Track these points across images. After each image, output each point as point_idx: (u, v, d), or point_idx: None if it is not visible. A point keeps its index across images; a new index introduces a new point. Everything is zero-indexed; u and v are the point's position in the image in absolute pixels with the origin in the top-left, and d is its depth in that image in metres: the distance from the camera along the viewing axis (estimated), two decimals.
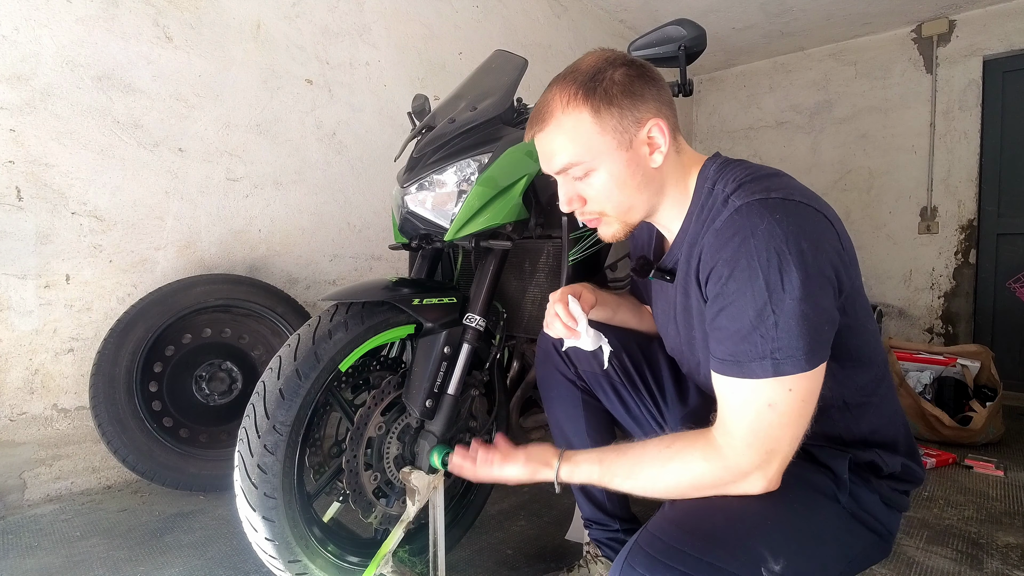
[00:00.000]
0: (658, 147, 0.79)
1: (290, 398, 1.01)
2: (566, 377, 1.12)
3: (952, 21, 3.55)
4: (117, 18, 1.83)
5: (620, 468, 0.80)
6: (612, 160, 0.78)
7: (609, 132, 0.77)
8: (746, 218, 0.70)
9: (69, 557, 1.39)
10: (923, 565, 1.39)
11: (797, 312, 0.66)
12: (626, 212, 0.82)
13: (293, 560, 1.03)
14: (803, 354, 0.67)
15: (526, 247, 1.38)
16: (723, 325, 0.72)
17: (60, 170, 1.73)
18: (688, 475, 0.74)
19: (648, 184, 0.81)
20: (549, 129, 0.80)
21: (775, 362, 0.67)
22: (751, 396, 0.70)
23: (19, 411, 1.69)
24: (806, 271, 0.67)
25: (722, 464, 0.72)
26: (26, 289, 1.69)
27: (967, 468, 2.08)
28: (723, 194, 0.76)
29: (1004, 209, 3.44)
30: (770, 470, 0.71)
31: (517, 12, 3.21)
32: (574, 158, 0.79)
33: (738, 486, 0.72)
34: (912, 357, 2.65)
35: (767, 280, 0.67)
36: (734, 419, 0.72)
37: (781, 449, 0.71)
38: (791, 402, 0.69)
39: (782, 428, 0.70)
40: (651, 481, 0.77)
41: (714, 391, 0.79)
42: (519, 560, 1.40)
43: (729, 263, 0.70)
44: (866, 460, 0.81)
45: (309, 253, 2.36)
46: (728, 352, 0.71)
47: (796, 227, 0.68)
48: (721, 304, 0.72)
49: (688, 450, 0.75)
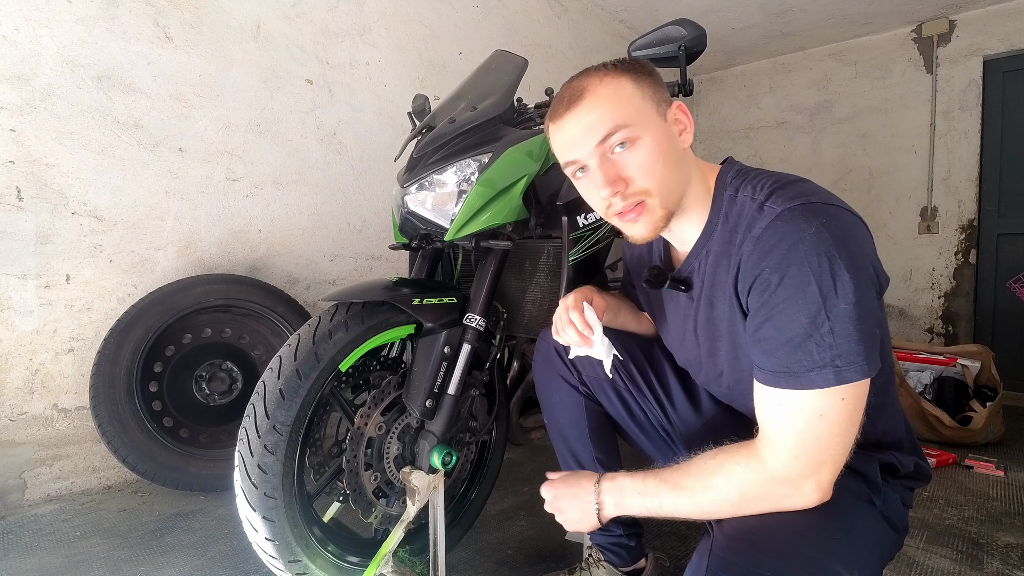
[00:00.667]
0: (685, 128, 0.78)
1: (290, 398, 1.01)
2: (568, 382, 1.09)
3: (952, 21, 3.55)
4: (117, 18, 1.83)
5: (662, 485, 0.77)
6: (655, 127, 0.75)
7: (649, 98, 0.76)
8: (791, 224, 0.68)
9: (69, 557, 1.39)
10: (923, 565, 1.39)
11: (853, 316, 0.65)
12: (668, 194, 0.77)
13: (293, 560, 1.03)
14: (863, 359, 0.65)
15: (526, 247, 1.38)
16: (770, 336, 0.69)
17: (60, 170, 1.73)
18: (736, 488, 0.71)
19: (681, 165, 0.78)
20: (586, 102, 0.75)
21: (836, 370, 0.65)
22: (801, 407, 0.67)
23: (19, 411, 1.69)
24: (857, 275, 0.65)
25: (767, 475, 0.70)
26: (26, 289, 1.69)
27: (967, 468, 2.08)
28: (755, 201, 0.74)
29: (1004, 209, 3.44)
30: (823, 480, 0.69)
31: (517, 12, 3.21)
32: (620, 120, 0.74)
33: (790, 499, 0.70)
34: (912, 357, 2.65)
35: (820, 286, 0.65)
36: (781, 431, 0.69)
37: (832, 459, 0.69)
38: (843, 411, 0.67)
39: (832, 438, 0.68)
40: (698, 497, 0.73)
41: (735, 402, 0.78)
42: (519, 560, 1.40)
43: (777, 270, 0.68)
44: (886, 462, 0.81)
45: (309, 253, 2.36)
46: (780, 363, 0.68)
47: (843, 231, 0.67)
48: (767, 314, 0.69)
49: (732, 462, 0.72)
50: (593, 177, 0.77)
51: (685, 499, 0.75)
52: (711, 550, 0.70)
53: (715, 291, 0.79)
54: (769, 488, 0.70)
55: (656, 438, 1.06)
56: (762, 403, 0.72)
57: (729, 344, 0.81)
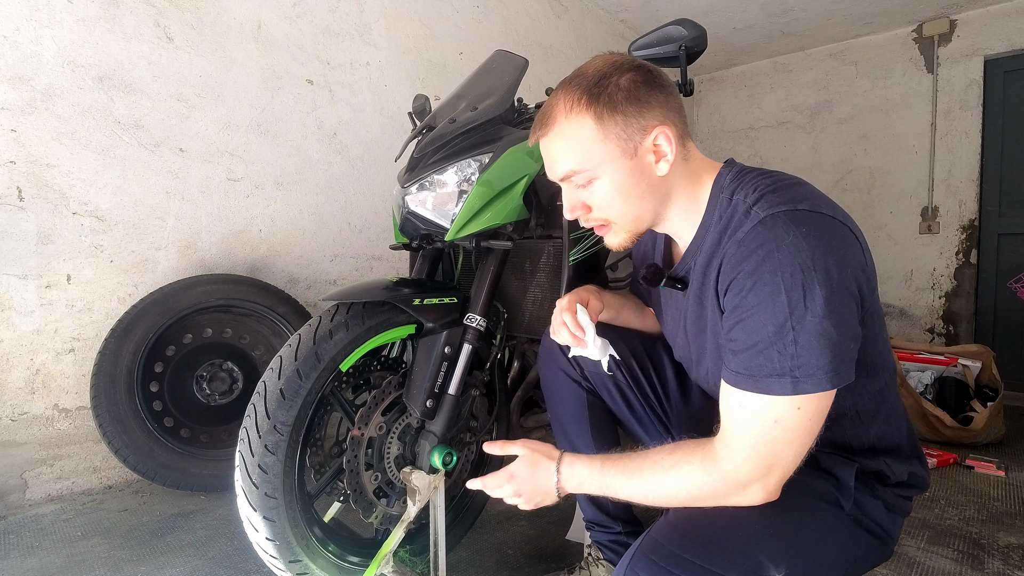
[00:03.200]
0: (664, 156, 0.77)
1: (291, 398, 1.01)
2: (571, 378, 1.11)
3: (953, 21, 3.54)
4: (118, 19, 1.83)
5: (617, 475, 0.79)
6: (615, 168, 0.77)
7: (612, 140, 0.76)
8: (771, 230, 0.68)
9: (70, 557, 1.40)
10: (924, 565, 1.39)
11: (819, 330, 0.65)
12: (631, 221, 0.81)
13: (294, 560, 1.03)
14: (824, 373, 0.66)
15: (527, 247, 1.38)
16: (738, 338, 0.70)
17: (61, 170, 1.74)
18: (686, 486, 0.73)
19: (653, 193, 0.79)
20: (552, 135, 0.79)
21: (794, 380, 0.66)
22: (758, 411, 0.69)
23: (20, 411, 1.69)
24: (831, 288, 0.65)
25: (720, 476, 0.71)
26: (27, 289, 1.69)
27: (968, 468, 2.08)
28: (745, 204, 0.74)
29: (1005, 209, 3.44)
30: (769, 483, 0.70)
31: (518, 12, 3.21)
32: (576, 166, 0.77)
33: (736, 498, 0.72)
34: (913, 357, 2.65)
35: (789, 296, 0.65)
36: (737, 432, 0.71)
37: (782, 464, 0.70)
38: (798, 420, 0.67)
39: (785, 444, 0.69)
40: (649, 490, 0.76)
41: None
42: (520, 560, 1.40)
43: (751, 275, 0.68)
44: (873, 469, 0.81)
45: (310, 253, 2.36)
46: (742, 365, 0.70)
47: (823, 242, 0.66)
48: (739, 316, 0.70)
49: (686, 461, 0.74)
50: (562, 196, 0.84)
51: (638, 490, 0.77)
52: (648, 532, 0.76)
53: (703, 291, 0.80)
54: (717, 488, 0.72)
55: (655, 432, 1.09)
56: (725, 401, 0.73)
57: (713, 343, 0.81)
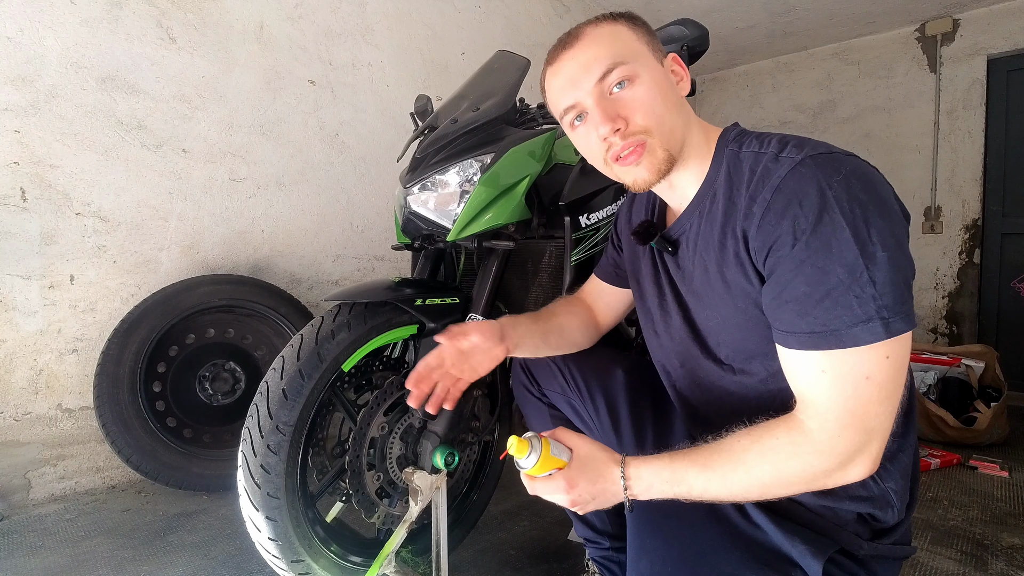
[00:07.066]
0: (682, 78, 0.78)
1: (293, 398, 1.02)
2: (532, 394, 1.15)
3: (956, 20, 3.53)
4: (121, 20, 1.84)
5: (691, 468, 0.68)
6: (653, 68, 0.75)
7: (645, 43, 0.76)
8: (815, 170, 0.64)
9: (73, 557, 1.40)
10: (927, 566, 1.39)
11: (892, 264, 0.60)
12: (668, 134, 0.74)
13: (296, 560, 1.04)
14: (907, 309, 0.60)
15: (529, 247, 1.38)
16: (801, 291, 0.63)
17: (64, 171, 1.74)
18: (777, 469, 0.64)
19: (681, 109, 0.77)
20: (583, 42, 0.75)
21: (884, 321, 0.59)
22: (848, 369, 0.61)
23: (24, 411, 1.70)
24: (892, 219, 0.62)
25: (815, 452, 0.63)
26: (31, 289, 1.69)
27: (971, 469, 2.07)
28: (769, 152, 0.70)
29: (1009, 209, 3.42)
30: (872, 451, 0.63)
31: (520, 12, 3.21)
32: (618, 57, 0.73)
33: (837, 475, 0.64)
34: (916, 357, 2.64)
35: (855, 233, 0.60)
36: (826, 399, 0.63)
37: (880, 428, 0.63)
38: (889, 372, 0.61)
39: (880, 403, 0.62)
40: (732, 481, 0.66)
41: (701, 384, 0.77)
42: (522, 560, 1.39)
43: (806, 219, 0.62)
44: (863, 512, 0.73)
45: (312, 253, 2.37)
46: (818, 323, 0.62)
47: (870, 177, 0.64)
48: (796, 269, 0.63)
49: (771, 439, 0.65)
50: (592, 118, 0.75)
51: (715, 482, 0.67)
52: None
53: (723, 254, 0.74)
54: (815, 466, 0.64)
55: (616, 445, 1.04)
56: (799, 372, 0.66)
57: (732, 307, 0.75)
